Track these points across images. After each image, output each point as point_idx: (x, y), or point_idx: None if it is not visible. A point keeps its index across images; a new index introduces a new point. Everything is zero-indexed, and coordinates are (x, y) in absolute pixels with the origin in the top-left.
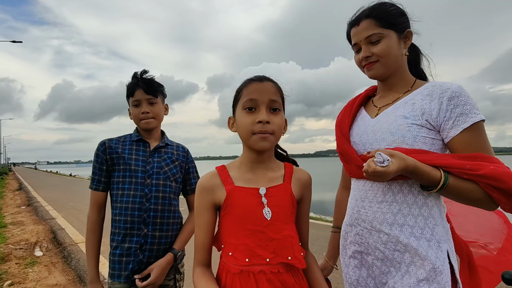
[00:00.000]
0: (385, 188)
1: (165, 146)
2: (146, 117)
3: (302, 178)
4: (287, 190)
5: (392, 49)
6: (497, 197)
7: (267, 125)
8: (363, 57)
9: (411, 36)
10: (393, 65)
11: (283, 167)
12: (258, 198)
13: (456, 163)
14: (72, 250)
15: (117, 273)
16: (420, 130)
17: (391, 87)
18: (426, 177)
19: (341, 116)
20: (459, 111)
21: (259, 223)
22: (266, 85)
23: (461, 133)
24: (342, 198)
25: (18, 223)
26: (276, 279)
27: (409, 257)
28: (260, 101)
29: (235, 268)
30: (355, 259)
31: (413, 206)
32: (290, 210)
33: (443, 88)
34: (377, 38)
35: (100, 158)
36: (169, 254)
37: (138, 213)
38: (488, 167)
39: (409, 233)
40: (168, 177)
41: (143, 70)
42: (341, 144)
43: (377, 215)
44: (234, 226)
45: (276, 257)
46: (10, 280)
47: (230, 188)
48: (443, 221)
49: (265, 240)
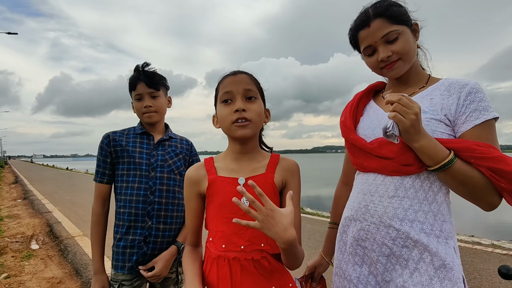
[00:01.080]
0: (397, 183)
1: (169, 139)
2: (148, 111)
3: (286, 165)
4: (268, 179)
5: (410, 43)
6: (505, 186)
7: (244, 112)
8: (384, 57)
9: (418, 28)
10: (412, 60)
11: (269, 157)
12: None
13: (468, 146)
14: (68, 244)
15: (120, 265)
16: (439, 125)
17: (406, 82)
18: (433, 149)
19: (345, 113)
20: (473, 107)
21: (236, 211)
22: (240, 77)
23: (472, 129)
24: (342, 194)
25: (14, 216)
26: (249, 265)
27: (418, 254)
28: (235, 92)
29: (214, 253)
30: (356, 255)
31: (424, 202)
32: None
33: (461, 84)
34: (395, 35)
35: (104, 150)
36: (173, 246)
37: (142, 205)
38: (499, 152)
39: (419, 229)
40: (172, 170)
41: (144, 62)
42: (347, 136)
43: (388, 210)
44: (214, 214)
45: (250, 245)
46: (6, 273)
47: (213, 178)
48: (451, 218)
49: (241, 228)
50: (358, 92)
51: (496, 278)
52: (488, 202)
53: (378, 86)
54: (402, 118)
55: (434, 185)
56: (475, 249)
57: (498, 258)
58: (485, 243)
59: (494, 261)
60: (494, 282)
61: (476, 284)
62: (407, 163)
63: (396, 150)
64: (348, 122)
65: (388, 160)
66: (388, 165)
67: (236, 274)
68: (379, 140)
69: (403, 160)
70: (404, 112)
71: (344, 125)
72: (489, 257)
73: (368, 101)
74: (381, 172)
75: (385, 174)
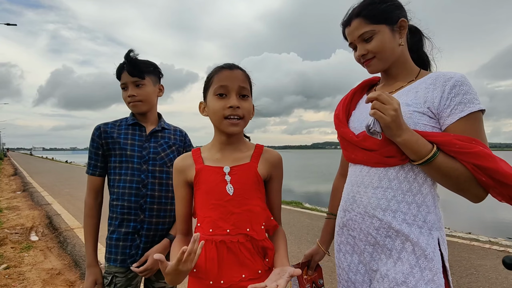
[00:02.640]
0: (381, 174)
1: (161, 130)
2: (133, 100)
3: (270, 158)
4: (251, 169)
5: (385, 43)
6: (486, 181)
7: (237, 109)
8: (359, 55)
9: (406, 24)
10: (391, 57)
11: (253, 148)
12: (222, 175)
13: (449, 140)
14: (67, 236)
15: (113, 257)
16: (421, 117)
17: (395, 77)
18: (415, 144)
19: (339, 107)
20: (458, 100)
21: (221, 197)
22: (236, 73)
23: (457, 122)
24: (339, 185)
25: (13, 208)
26: (235, 248)
27: (400, 244)
28: (230, 88)
29: (202, 237)
30: (347, 244)
31: (408, 193)
32: (254, 187)
33: (446, 77)
34: (369, 35)
35: (95, 142)
36: (166, 239)
37: (134, 198)
38: (479, 147)
39: (401, 220)
40: (164, 163)
41: (129, 50)
42: (338, 129)
43: (372, 200)
44: (202, 201)
45: (235, 229)
46: (6, 264)
47: (200, 167)
48: (436, 209)
49: (226, 214)
50: (354, 86)
51: (493, 274)
52: (473, 194)
53: (373, 80)
54: (381, 115)
55: (419, 176)
56: (472, 246)
57: (495, 255)
58: (482, 239)
59: (491, 257)
60: (491, 278)
61: (473, 279)
62: (390, 154)
63: (379, 142)
64: (341, 115)
65: (372, 152)
66: (372, 157)
67: (222, 256)
68: (364, 132)
69: (385, 152)
70: (383, 108)
71: (337, 118)
72: (486, 253)
73: (362, 96)
74: (367, 164)
75: (370, 165)
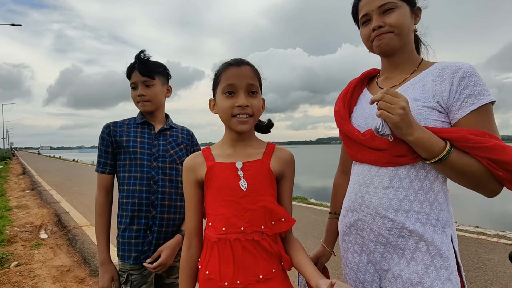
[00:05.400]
0: (392, 174)
1: (169, 128)
2: (142, 100)
3: (283, 156)
4: (264, 165)
5: (406, 19)
6: (502, 175)
7: (246, 108)
8: (376, 26)
9: (420, 13)
10: (406, 37)
11: (265, 145)
12: (235, 171)
13: (462, 136)
14: (76, 233)
15: (127, 255)
16: (431, 112)
17: (397, 66)
18: (428, 141)
19: (339, 102)
20: (468, 92)
21: (235, 194)
22: (244, 70)
23: (468, 115)
24: (341, 183)
25: (23, 206)
26: (251, 246)
27: (414, 243)
28: (238, 86)
29: (214, 237)
30: (355, 244)
31: (420, 191)
32: (267, 183)
33: (454, 68)
34: (392, 6)
35: (105, 140)
36: (178, 235)
37: (146, 195)
38: (493, 141)
39: (414, 219)
40: (174, 160)
41: (140, 50)
42: (341, 126)
43: (383, 201)
44: (214, 198)
45: (250, 226)
46: (17, 261)
47: (211, 164)
48: (448, 206)
49: (241, 210)
50: (352, 79)
51: (501, 268)
52: (489, 189)
53: (372, 73)
54: (389, 115)
55: (430, 174)
56: (480, 239)
57: (503, 248)
58: (490, 233)
59: (499, 251)
60: (499, 272)
61: (481, 273)
62: (401, 154)
63: (389, 141)
64: (342, 112)
65: (381, 152)
66: (381, 157)
67: (238, 255)
68: (371, 131)
69: (396, 151)
70: (389, 108)
71: (338, 115)
72: (494, 247)
73: (362, 90)
74: (376, 164)
75: (379, 165)
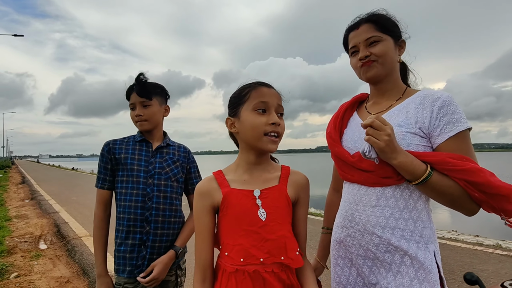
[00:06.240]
0: (379, 193)
1: (166, 146)
2: (140, 120)
3: (298, 180)
4: (282, 191)
5: (389, 51)
6: (478, 196)
7: (278, 126)
8: (362, 56)
9: (405, 45)
10: (389, 67)
11: (280, 169)
12: (253, 199)
13: (442, 159)
14: (75, 244)
15: (121, 268)
16: (414, 138)
17: (384, 93)
18: (410, 165)
19: (330, 125)
20: (447, 120)
21: (254, 223)
22: (274, 92)
23: (447, 141)
24: (333, 200)
25: (22, 216)
26: (271, 278)
27: (399, 258)
28: (271, 104)
29: (231, 268)
30: (345, 258)
31: (404, 210)
32: (286, 211)
33: (434, 97)
34: (376, 39)
35: (105, 157)
36: (171, 251)
37: (140, 211)
38: (470, 164)
39: (400, 236)
40: (169, 177)
41: (139, 73)
42: (333, 148)
43: (371, 218)
44: (231, 227)
45: (270, 257)
46: (16, 272)
47: (227, 190)
48: (431, 223)
49: (260, 241)
50: (343, 103)
51: (495, 279)
52: (467, 209)
53: (362, 97)
54: (376, 141)
55: (414, 193)
56: (475, 250)
57: (497, 259)
58: (487, 243)
59: (493, 262)
60: (493, 283)
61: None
62: (386, 175)
63: (375, 164)
64: (333, 134)
65: (369, 173)
66: (369, 178)
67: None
68: (359, 153)
69: (382, 173)
70: (377, 134)
71: (330, 137)
72: (489, 258)
73: (352, 113)
74: (364, 184)
75: (367, 185)
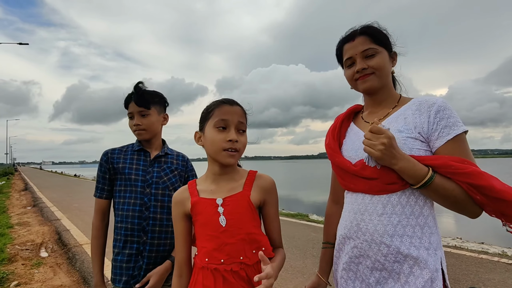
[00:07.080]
0: (385, 201)
1: (164, 155)
2: (138, 129)
3: (263, 183)
4: (244, 197)
5: (385, 63)
6: (480, 199)
7: (235, 143)
8: (360, 68)
9: (396, 57)
10: (385, 78)
11: (246, 175)
12: (215, 207)
13: (444, 162)
14: (76, 252)
15: (118, 278)
16: (415, 142)
17: (380, 103)
18: (412, 169)
19: (328, 136)
20: (443, 124)
21: (216, 229)
22: (236, 109)
23: (445, 144)
24: (333, 212)
25: (24, 223)
26: (229, 276)
27: (408, 268)
28: (230, 122)
29: (199, 265)
30: (349, 271)
31: (411, 216)
32: (248, 215)
33: (429, 103)
34: (373, 52)
35: (103, 167)
36: (168, 261)
37: (138, 221)
38: (471, 167)
39: (409, 243)
40: (167, 186)
41: (138, 82)
42: (333, 158)
43: (378, 227)
44: (199, 232)
45: (229, 258)
46: (17, 281)
47: (195, 199)
48: (437, 229)
49: (221, 244)
50: (339, 115)
51: None
52: (470, 211)
53: (357, 108)
54: (371, 150)
55: (419, 199)
56: (480, 259)
57: (504, 268)
58: (492, 251)
59: (499, 271)
60: None
61: None
62: (391, 181)
63: (379, 170)
64: (333, 145)
65: (373, 181)
66: (374, 186)
67: (219, 284)
68: (362, 161)
69: (386, 179)
70: (371, 145)
71: (329, 148)
72: (495, 266)
73: (349, 124)
74: (369, 192)
75: (372, 193)
